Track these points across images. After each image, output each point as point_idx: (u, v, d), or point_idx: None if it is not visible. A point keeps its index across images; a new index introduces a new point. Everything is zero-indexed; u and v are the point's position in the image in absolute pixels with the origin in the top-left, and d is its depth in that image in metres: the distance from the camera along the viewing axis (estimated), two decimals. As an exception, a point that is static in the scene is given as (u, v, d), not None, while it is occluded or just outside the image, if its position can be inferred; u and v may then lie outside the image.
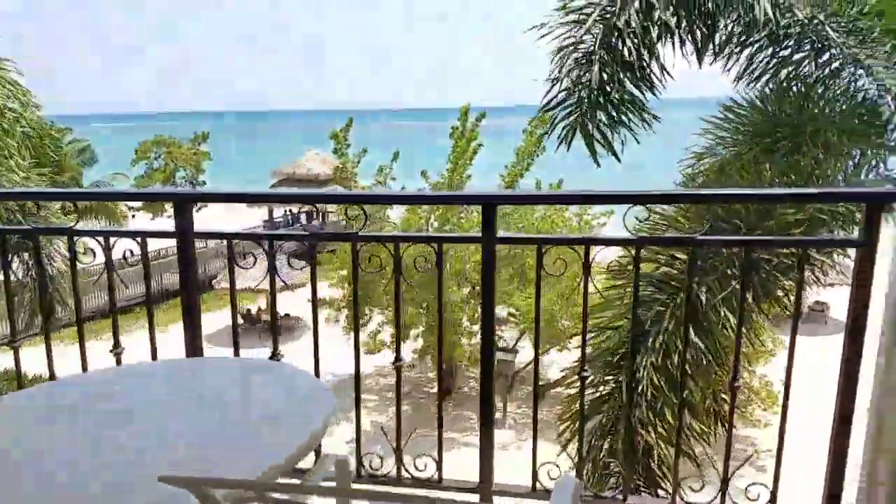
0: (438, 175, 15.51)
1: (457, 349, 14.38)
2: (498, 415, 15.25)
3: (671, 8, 5.48)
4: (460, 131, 15.21)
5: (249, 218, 28.48)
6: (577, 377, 3.82)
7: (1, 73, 8.15)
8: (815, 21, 5.38)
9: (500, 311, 15.66)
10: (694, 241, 2.19)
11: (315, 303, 2.74)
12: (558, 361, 16.21)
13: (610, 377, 5.24)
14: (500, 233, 2.37)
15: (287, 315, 19.30)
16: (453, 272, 14.37)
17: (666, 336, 4.90)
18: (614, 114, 5.76)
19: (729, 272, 4.93)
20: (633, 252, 2.25)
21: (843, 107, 5.83)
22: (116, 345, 2.82)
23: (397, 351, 2.69)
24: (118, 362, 2.82)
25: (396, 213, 16.03)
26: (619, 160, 5.98)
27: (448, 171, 15.16)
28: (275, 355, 2.76)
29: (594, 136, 5.74)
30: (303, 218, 28.71)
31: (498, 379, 15.62)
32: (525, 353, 16.13)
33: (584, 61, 5.63)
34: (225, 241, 2.75)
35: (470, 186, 15.48)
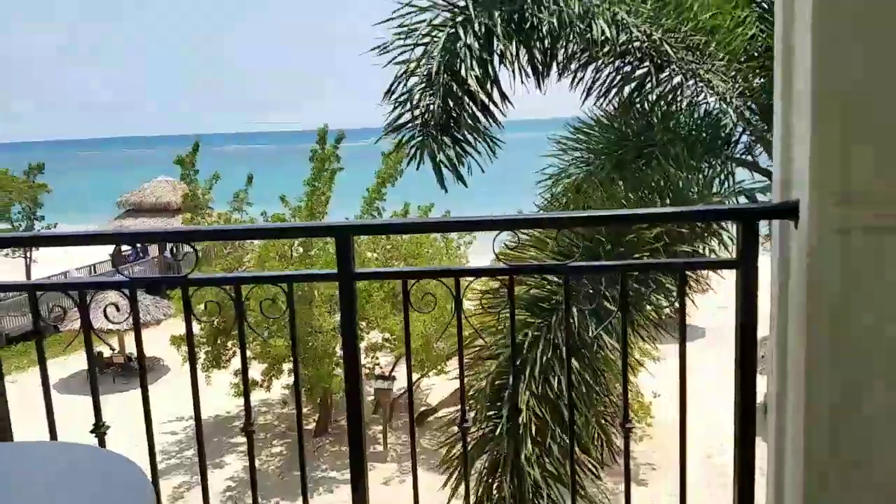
0: (297, 200, 14.93)
1: (332, 381, 13.74)
2: (379, 448, 14.76)
3: (510, 36, 5.43)
4: (320, 154, 14.74)
5: (97, 252, 26.09)
6: (457, 427, 3.54)
7: None
8: (653, 38, 5.55)
9: (375, 335, 15.25)
10: (567, 268, 2.02)
11: (143, 362, 2.30)
12: (437, 384, 16.06)
13: (492, 412, 5.01)
14: (359, 268, 2.09)
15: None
16: (324, 298, 13.81)
17: (544, 362, 4.77)
18: (459, 137, 5.65)
19: (603, 291, 4.91)
20: (506, 281, 2.05)
21: (687, 120, 6.11)
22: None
23: (247, 414, 2.29)
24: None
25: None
26: (465, 185, 5.84)
27: (307, 195, 14.61)
28: (98, 427, 2.28)
29: (441, 161, 5.59)
30: (151, 250, 26.73)
31: (377, 409, 15.18)
32: (403, 379, 15.85)
33: (424, 84, 5.48)
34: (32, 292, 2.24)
35: (328, 214, 15.02)
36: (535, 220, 3.01)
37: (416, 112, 5.45)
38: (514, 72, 5.71)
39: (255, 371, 14.70)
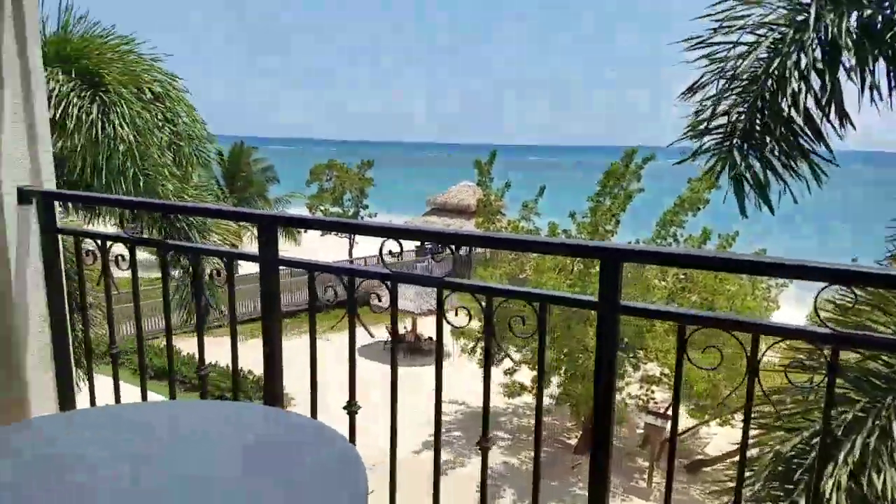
0: (583, 216, 14.68)
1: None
2: (642, 483, 13.95)
3: (861, 43, 4.37)
4: (620, 172, 14.29)
5: (406, 243, 29.25)
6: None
7: (180, 96, 8.56)
8: None
9: (653, 367, 14.38)
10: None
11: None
12: (719, 434, 14.59)
13: (780, 493, 4.07)
14: (629, 300, 1.76)
15: (430, 338, 19.51)
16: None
17: (866, 451, 3.71)
18: (771, 156, 4.73)
19: None
20: (828, 353, 1.52)
21: None
22: (200, 364, 2.58)
23: (484, 430, 2.11)
24: (203, 385, 2.63)
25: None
26: (771, 211, 4.90)
27: (590, 211, 14.25)
28: (350, 404, 2.33)
29: (741, 174, 4.73)
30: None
31: (645, 445, 14.29)
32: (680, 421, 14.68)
33: (740, 90, 4.69)
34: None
35: (615, 234, 14.46)
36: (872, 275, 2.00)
37: (722, 120, 4.76)
38: (860, 88, 4.66)
39: (526, 376, 14.96)
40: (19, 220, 2.75)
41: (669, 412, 14.02)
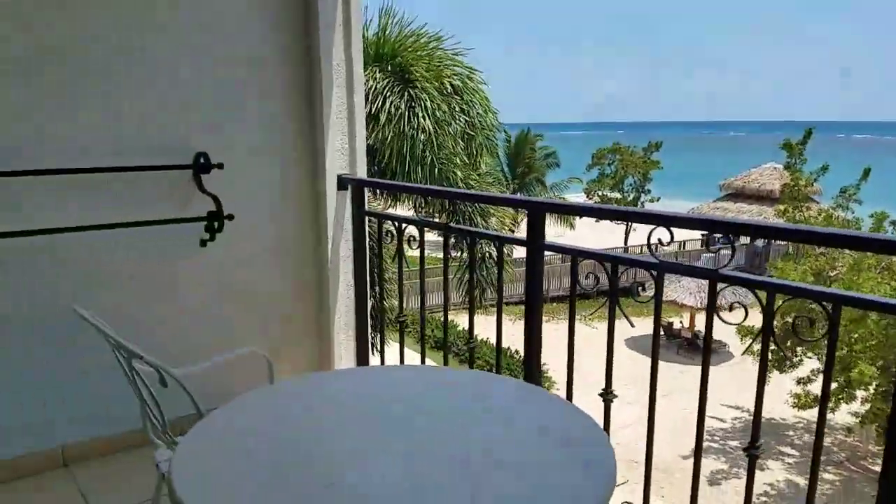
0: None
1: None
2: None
3: None
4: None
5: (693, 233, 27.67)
6: None
7: (477, 87, 9.14)
8: None
9: None
10: None
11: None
12: None
13: None
14: None
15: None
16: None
17: None
18: None
19: None
20: None
21: None
22: (470, 337, 2.85)
23: (754, 436, 1.98)
24: (471, 357, 2.88)
25: None
26: None
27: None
28: (608, 392, 2.37)
29: None
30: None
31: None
32: None
33: None
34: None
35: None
36: None
37: None
38: None
39: (817, 387, 13.18)
40: (338, 203, 3.32)
41: None
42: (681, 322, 19.34)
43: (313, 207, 3.30)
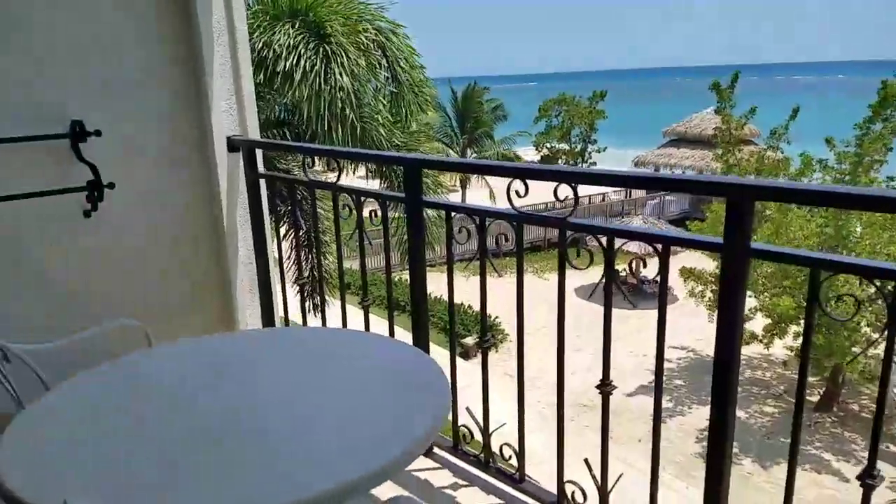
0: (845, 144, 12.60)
1: (847, 359, 11.82)
2: None
3: None
4: (887, 91, 12.02)
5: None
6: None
7: (403, 43, 8.93)
8: None
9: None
10: None
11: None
12: None
13: None
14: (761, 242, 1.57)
15: (655, 280, 18.92)
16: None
17: None
18: None
19: None
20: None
21: None
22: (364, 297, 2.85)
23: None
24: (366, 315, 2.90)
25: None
26: None
27: (857, 139, 12.17)
28: (484, 341, 2.43)
29: None
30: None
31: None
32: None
33: None
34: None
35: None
36: None
37: None
38: None
39: (757, 325, 13.78)
40: (230, 165, 3.25)
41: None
42: (624, 270, 19.89)
43: (205, 171, 3.22)
